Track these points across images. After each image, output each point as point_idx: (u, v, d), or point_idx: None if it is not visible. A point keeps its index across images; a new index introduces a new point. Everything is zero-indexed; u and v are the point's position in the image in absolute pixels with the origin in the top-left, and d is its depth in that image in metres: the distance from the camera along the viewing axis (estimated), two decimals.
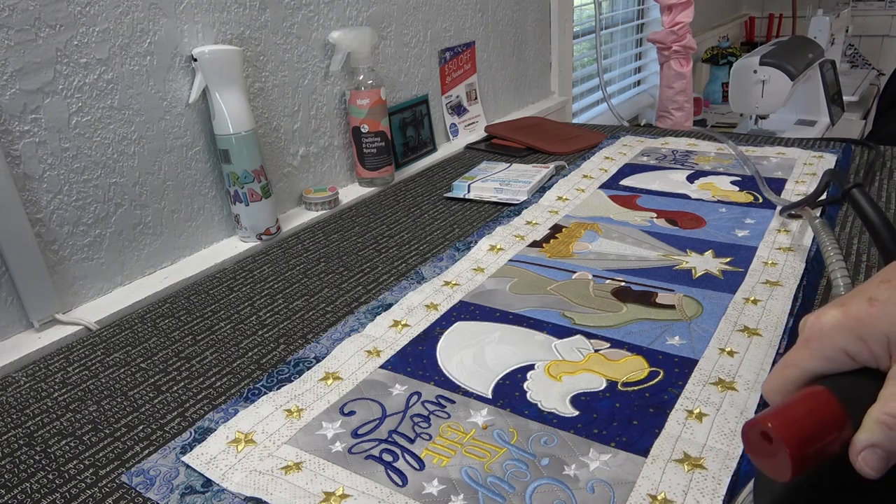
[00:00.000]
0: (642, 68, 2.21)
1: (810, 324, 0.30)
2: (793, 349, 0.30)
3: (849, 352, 0.28)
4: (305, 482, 0.39)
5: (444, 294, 0.60)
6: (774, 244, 0.65)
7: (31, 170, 0.59)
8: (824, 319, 0.29)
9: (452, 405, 0.45)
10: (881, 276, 0.30)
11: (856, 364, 0.28)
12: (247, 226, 0.76)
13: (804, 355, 0.29)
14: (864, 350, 0.28)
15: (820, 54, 1.84)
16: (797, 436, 0.26)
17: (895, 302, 0.28)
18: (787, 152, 0.91)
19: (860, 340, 0.28)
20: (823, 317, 0.29)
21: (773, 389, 0.31)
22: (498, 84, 1.28)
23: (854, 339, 0.28)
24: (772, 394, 0.31)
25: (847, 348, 0.28)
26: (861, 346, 0.28)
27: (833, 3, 2.64)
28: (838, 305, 0.29)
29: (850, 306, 0.29)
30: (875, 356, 0.28)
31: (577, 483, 0.38)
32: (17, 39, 0.57)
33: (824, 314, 0.29)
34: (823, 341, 0.29)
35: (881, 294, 0.28)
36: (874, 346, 0.27)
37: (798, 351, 0.30)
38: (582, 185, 0.85)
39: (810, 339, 0.29)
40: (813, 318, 0.30)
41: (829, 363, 0.29)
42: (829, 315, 0.29)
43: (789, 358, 0.30)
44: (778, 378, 0.31)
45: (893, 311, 0.27)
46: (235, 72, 0.72)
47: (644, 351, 0.50)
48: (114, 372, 0.53)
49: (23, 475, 0.42)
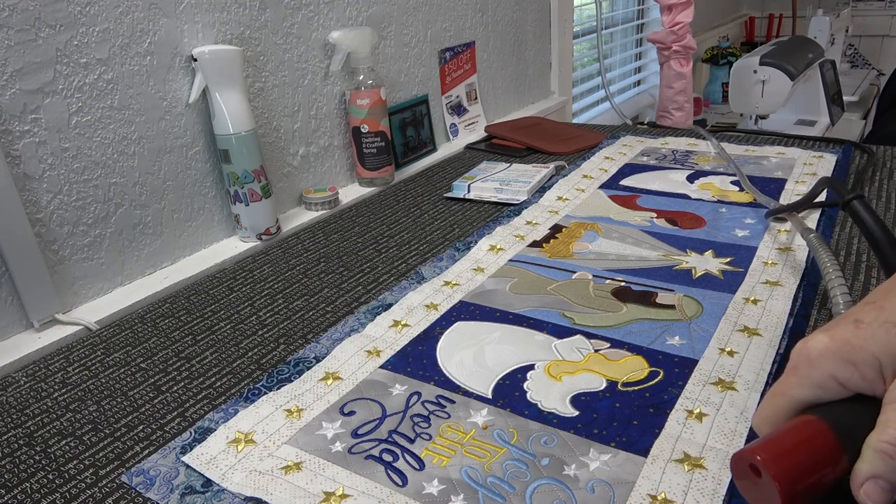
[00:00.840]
0: (642, 68, 2.21)
1: (797, 350, 0.29)
2: (781, 377, 0.29)
3: (839, 378, 0.27)
4: (305, 482, 0.39)
5: (444, 294, 0.60)
6: (774, 244, 0.65)
7: (31, 170, 0.59)
8: (811, 345, 0.28)
9: (452, 405, 0.45)
10: (867, 299, 0.29)
11: (847, 392, 0.27)
12: (247, 226, 0.76)
13: (792, 383, 0.29)
14: (854, 375, 0.27)
15: (820, 54, 1.84)
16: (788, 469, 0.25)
17: (881, 323, 0.27)
18: (787, 152, 0.91)
19: (850, 365, 0.27)
20: (810, 343, 0.28)
21: (763, 420, 0.30)
22: (498, 84, 1.28)
23: (843, 364, 0.27)
24: (762, 425, 0.30)
25: (837, 375, 0.27)
26: (851, 371, 0.27)
27: (833, 3, 2.64)
28: (825, 331, 0.28)
29: (837, 330, 0.28)
30: (867, 381, 0.27)
31: (577, 483, 0.38)
32: (17, 39, 0.57)
33: (811, 340, 0.28)
34: (811, 368, 0.28)
35: (867, 316, 0.27)
36: (865, 370, 0.26)
37: (786, 379, 0.29)
38: (582, 185, 0.85)
39: (798, 367, 0.28)
40: (800, 345, 0.29)
41: (819, 391, 0.28)
42: (815, 340, 0.28)
43: (778, 387, 0.29)
44: (767, 408, 0.29)
45: (880, 332, 0.26)
46: (235, 72, 0.72)
47: (644, 351, 0.50)
48: (114, 372, 0.53)
49: (23, 475, 0.42)
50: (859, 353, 0.26)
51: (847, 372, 0.27)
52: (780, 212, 0.67)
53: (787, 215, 0.66)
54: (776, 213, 0.68)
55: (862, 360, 0.26)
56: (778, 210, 0.67)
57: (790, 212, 0.65)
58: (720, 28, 2.64)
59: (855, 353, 0.27)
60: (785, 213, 0.66)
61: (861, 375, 0.26)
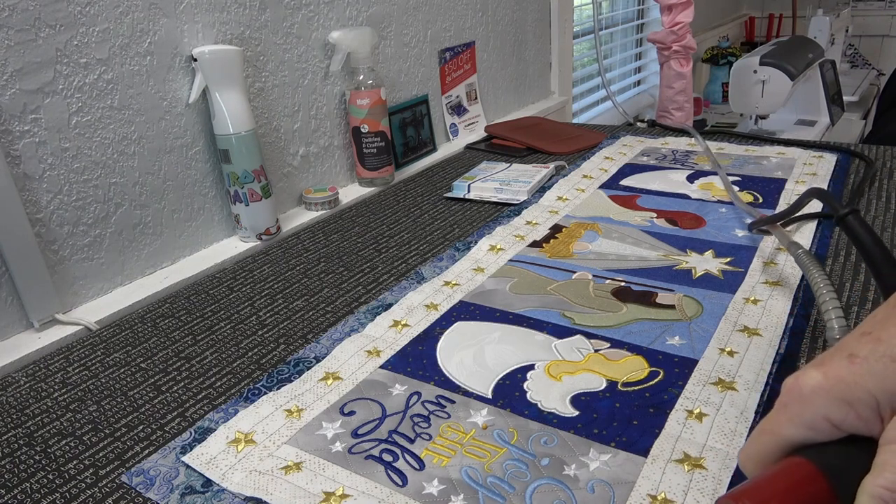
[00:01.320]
0: (642, 68, 2.21)
1: (788, 386, 0.27)
2: (770, 413, 0.27)
3: (833, 419, 0.25)
4: (305, 482, 0.39)
5: (444, 294, 0.60)
6: (775, 244, 0.65)
7: (31, 170, 0.59)
8: (802, 382, 0.26)
9: (452, 405, 0.45)
10: (862, 328, 0.26)
11: (841, 432, 0.25)
12: (247, 226, 0.76)
13: (782, 422, 0.26)
14: (849, 415, 0.25)
15: (820, 54, 1.84)
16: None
17: (879, 357, 0.24)
18: (788, 152, 0.91)
19: (844, 405, 0.25)
20: (802, 378, 0.26)
21: (749, 458, 0.28)
22: (498, 84, 1.28)
23: (837, 403, 0.25)
24: (748, 463, 0.28)
25: (830, 415, 0.25)
26: (846, 411, 0.25)
27: (833, 3, 2.64)
28: (817, 365, 0.26)
29: (831, 366, 0.25)
30: (863, 420, 0.24)
31: (577, 483, 0.38)
32: (17, 39, 0.57)
33: (803, 375, 0.26)
34: (803, 407, 0.26)
35: (862, 349, 0.25)
36: (861, 409, 0.24)
37: (776, 416, 0.27)
38: (582, 185, 0.85)
39: (788, 405, 0.26)
40: (791, 380, 0.27)
41: (810, 432, 0.26)
42: (807, 377, 0.26)
43: (766, 424, 0.27)
44: (754, 446, 0.28)
45: (878, 367, 0.24)
46: (235, 72, 0.72)
47: (644, 351, 0.50)
48: (114, 372, 0.53)
49: (23, 475, 0.42)
50: (855, 392, 0.24)
51: (841, 412, 0.25)
52: (764, 223, 0.63)
53: (772, 228, 0.62)
54: (760, 226, 0.64)
55: (857, 399, 0.24)
56: (762, 222, 0.64)
57: (773, 224, 0.62)
58: (720, 28, 2.64)
59: (850, 392, 0.24)
60: (769, 226, 0.62)
61: (857, 415, 0.24)
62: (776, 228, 0.61)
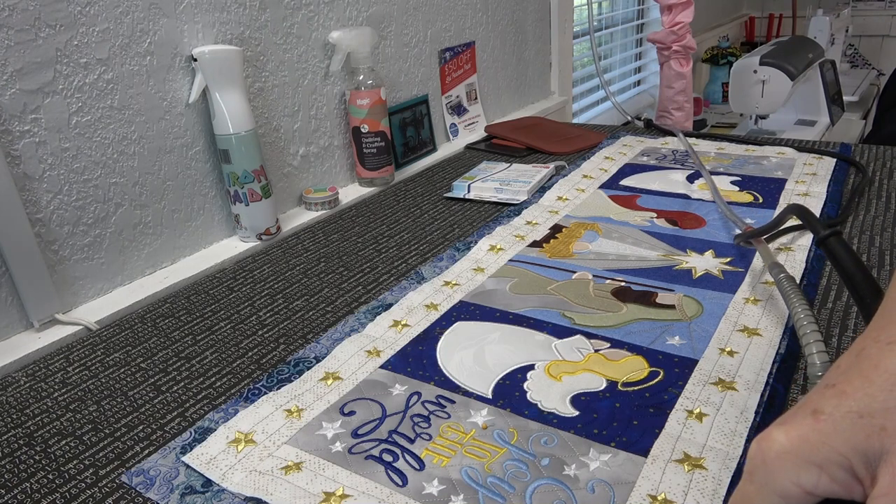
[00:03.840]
0: (642, 68, 2.21)
1: (752, 451, 0.24)
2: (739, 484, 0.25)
3: (804, 485, 0.22)
4: (305, 482, 0.39)
5: (444, 294, 0.60)
6: (774, 243, 0.65)
7: (31, 170, 0.59)
8: (765, 446, 0.23)
9: (452, 405, 0.45)
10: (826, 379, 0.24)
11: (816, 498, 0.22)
12: (247, 226, 0.76)
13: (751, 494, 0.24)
14: (821, 479, 0.22)
15: (820, 54, 1.84)
16: None
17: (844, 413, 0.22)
18: (788, 152, 0.91)
19: (814, 468, 0.22)
20: (764, 443, 0.23)
21: None
22: (498, 84, 1.28)
23: (804, 466, 0.22)
24: None
25: (800, 481, 0.22)
26: (817, 474, 0.22)
27: (833, 3, 2.64)
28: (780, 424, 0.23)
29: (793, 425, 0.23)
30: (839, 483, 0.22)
31: (577, 483, 0.38)
32: (17, 39, 0.57)
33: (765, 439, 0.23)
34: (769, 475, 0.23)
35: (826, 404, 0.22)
36: (833, 472, 0.22)
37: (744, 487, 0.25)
38: (582, 185, 0.85)
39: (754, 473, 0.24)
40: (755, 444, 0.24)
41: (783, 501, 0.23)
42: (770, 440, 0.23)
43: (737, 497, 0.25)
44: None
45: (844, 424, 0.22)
46: (235, 72, 0.72)
47: (644, 351, 0.50)
48: (114, 372, 0.53)
49: (23, 475, 0.42)
50: (822, 452, 0.22)
51: (811, 476, 0.22)
52: (749, 237, 0.61)
53: (756, 243, 0.59)
54: (745, 239, 0.62)
55: (826, 460, 0.22)
56: (745, 235, 0.62)
57: (758, 238, 0.60)
58: (720, 28, 2.64)
59: (816, 453, 0.22)
60: (753, 241, 0.60)
61: (829, 478, 0.22)
62: (760, 244, 0.59)
